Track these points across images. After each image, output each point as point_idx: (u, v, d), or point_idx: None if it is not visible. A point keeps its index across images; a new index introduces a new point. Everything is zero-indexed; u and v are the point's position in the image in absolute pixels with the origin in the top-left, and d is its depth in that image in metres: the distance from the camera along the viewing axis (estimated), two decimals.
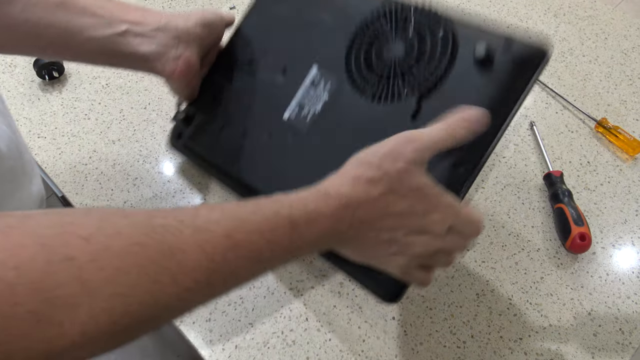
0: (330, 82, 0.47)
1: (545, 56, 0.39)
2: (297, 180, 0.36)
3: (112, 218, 0.27)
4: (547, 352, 0.47)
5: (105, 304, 0.24)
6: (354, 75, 0.46)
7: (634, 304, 0.51)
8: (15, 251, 0.23)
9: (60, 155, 0.62)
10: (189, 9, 0.81)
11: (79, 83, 0.70)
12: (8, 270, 0.22)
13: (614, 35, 0.78)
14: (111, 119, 0.66)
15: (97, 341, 0.25)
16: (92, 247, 0.25)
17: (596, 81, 0.71)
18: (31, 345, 0.23)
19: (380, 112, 0.43)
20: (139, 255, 0.26)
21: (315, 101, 0.47)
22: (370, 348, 0.47)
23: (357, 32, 0.47)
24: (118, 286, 0.25)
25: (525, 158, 0.62)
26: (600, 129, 0.64)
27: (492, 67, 0.40)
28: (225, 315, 0.49)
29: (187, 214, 0.30)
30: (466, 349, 0.47)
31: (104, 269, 0.25)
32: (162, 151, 0.62)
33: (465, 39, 0.42)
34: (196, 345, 0.47)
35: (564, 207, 0.54)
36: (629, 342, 0.48)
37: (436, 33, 0.43)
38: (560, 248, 0.54)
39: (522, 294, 0.51)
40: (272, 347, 0.47)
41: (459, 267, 0.52)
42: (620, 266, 0.53)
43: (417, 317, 0.49)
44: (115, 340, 0.26)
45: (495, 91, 0.40)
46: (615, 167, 0.61)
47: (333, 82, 0.47)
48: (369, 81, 0.45)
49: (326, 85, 0.47)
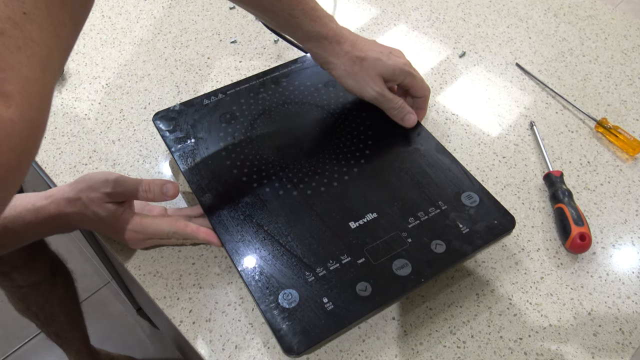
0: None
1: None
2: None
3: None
4: (547, 352, 0.47)
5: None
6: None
7: (634, 304, 0.50)
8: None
9: (60, 155, 0.62)
10: (189, 9, 0.81)
11: (79, 83, 0.70)
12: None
13: (614, 35, 0.78)
14: (111, 119, 0.66)
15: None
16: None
17: (596, 81, 0.71)
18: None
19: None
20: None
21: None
22: (370, 348, 0.47)
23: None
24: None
25: (525, 158, 0.62)
26: (600, 129, 0.64)
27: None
28: (225, 315, 0.49)
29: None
30: (466, 349, 0.47)
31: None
32: (162, 151, 0.62)
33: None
34: (196, 345, 0.47)
35: (564, 207, 0.54)
36: (629, 342, 0.48)
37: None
38: (560, 248, 0.54)
39: (522, 294, 0.51)
40: (272, 347, 0.47)
41: (459, 267, 0.53)
42: (620, 266, 0.53)
43: (417, 317, 0.49)
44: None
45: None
46: (615, 167, 0.61)
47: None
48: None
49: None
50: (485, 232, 0.48)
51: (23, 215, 0.47)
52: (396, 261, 0.46)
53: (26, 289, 0.88)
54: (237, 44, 0.76)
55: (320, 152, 0.55)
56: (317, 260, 0.46)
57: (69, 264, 0.96)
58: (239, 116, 0.58)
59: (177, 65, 0.73)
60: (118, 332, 1.30)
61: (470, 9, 0.82)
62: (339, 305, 0.43)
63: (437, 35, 0.78)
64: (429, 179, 0.52)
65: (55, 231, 0.51)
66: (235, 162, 0.54)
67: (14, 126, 0.25)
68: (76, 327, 1.03)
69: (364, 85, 0.56)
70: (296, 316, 0.43)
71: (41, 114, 0.28)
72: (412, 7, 0.82)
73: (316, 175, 0.53)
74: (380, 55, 0.56)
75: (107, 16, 0.81)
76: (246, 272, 0.46)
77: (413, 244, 0.47)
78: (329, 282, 0.45)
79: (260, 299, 0.44)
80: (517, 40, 0.77)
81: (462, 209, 0.50)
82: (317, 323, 0.42)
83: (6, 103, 0.25)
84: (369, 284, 0.45)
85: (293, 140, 0.56)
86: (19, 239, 0.50)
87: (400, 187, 0.52)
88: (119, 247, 0.54)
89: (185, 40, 0.76)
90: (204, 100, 0.59)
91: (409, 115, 0.57)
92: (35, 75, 0.26)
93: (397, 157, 0.55)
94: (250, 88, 0.61)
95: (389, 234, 0.48)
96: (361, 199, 0.51)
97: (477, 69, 0.73)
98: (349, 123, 0.58)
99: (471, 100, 0.69)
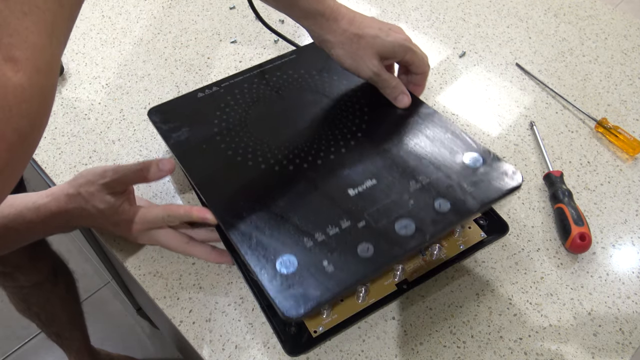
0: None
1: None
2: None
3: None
4: (547, 352, 0.47)
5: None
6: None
7: (634, 304, 0.51)
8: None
9: (60, 155, 0.62)
10: (189, 9, 0.81)
11: (79, 83, 0.70)
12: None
13: (614, 35, 0.78)
14: (111, 119, 0.66)
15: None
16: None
17: (596, 81, 0.71)
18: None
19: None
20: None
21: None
22: (370, 348, 0.47)
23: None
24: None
25: (525, 158, 0.62)
26: (600, 129, 0.64)
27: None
28: (225, 316, 0.49)
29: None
30: (466, 349, 0.47)
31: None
32: (163, 151, 0.62)
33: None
34: (196, 345, 0.47)
35: (564, 207, 0.54)
36: (629, 342, 0.48)
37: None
38: (560, 248, 0.54)
39: (522, 294, 0.51)
40: (272, 347, 0.47)
41: (458, 267, 0.53)
42: (620, 266, 0.53)
43: (417, 317, 0.49)
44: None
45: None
46: (615, 167, 0.61)
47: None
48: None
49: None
50: (491, 189, 0.47)
51: (24, 213, 0.47)
52: (398, 222, 0.45)
53: (28, 289, 0.88)
54: (237, 44, 0.76)
55: (316, 130, 0.54)
56: (315, 227, 0.45)
57: (69, 264, 0.96)
58: (234, 104, 0.58)
59: (177, 65, 0.73)
60: (118, 332, 1.30)
61: (470, 9, 0.82)
62: (339, 267, 0.42)
63: (437, 35, 0.78)
64: (428, 145, 0.51)
65: (57, 230, 0.51)
66: (230, 144, 0.53)
67: (24, 92, 0.25)
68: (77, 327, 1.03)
69: (361, 64, 0.55)
70: (294, 280, 0.41)
71: (50, 81, 0.27)
72: (412, 7, 0.82)
73: (312, 150, 0.52)
74: (379, 32, 0.55)
75: (107, 16, 0.81)
76: (242, 242, 0.44)
77: (415, 205, 0.46)
78: (328, 246, 0.44)
79: (256, 267, 0.42)
80: (517, 40, 0.77)
81: (466, 170, 0.49)
82: (317, 285, 0.41)
83: (15, 68, 0.24)
84: (370, 244, 0.44)
85: (288, 122, 0.56)
86: (20, 238, 0.50)
87: (399, 154, 0.51)
88: (119, 247, 0.54)
89: (185, 40, 0.76)
90: (198, 93, 0.59)
91: (401, 96, 0.56)
92: (42, 42, 0.26)
93: (395, 127, 0.54)
94: (244, 80, 0.61)
95: (389, 198, 0.47)
96: (359, 167, 0.50)
97: (477, 69, 0.73)
98: (344, 102, 0.58)
99: (471, 100, 0.69)
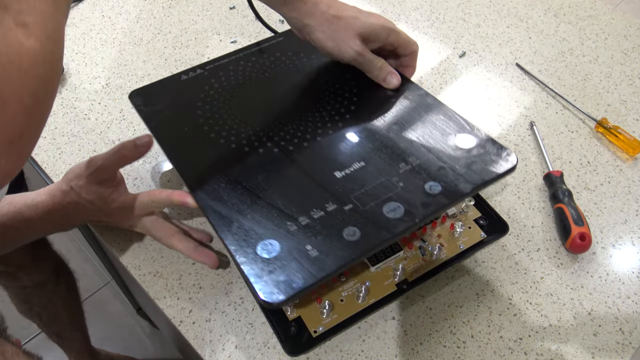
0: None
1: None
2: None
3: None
4: (547, 352, 0.47)
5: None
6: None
7: (634, 304, 0.51)
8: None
9: (60, 155, 0.62)
10: (189, 9, 0.81)
11: (79, 83, 0.70)
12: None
13: (614, 35, 0.78)
14: (111, 119, 0.66)
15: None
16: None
17: (596, 81, 0.71)
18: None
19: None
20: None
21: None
22: (370, 348, 0.47)
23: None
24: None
25: (525, 158, 0.62)
26: (600, 129, 0.64)
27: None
28: (225, 315, 0.49)
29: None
30: (466, 349, 0.47)
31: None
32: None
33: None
34: (196, 345, 0.47)
35: (564, 207, 0.54)
36: (629, 342, 0.48)
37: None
38: (560, 248, 0.54)
39: (522, 294, 0.51)
40: (272, 347, 0.47)
41: (458, 267, 0.53)
42: (620, 266, 0.53)
43: (417, 317, 0.49)
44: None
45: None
46: (615, 167, 0.61)
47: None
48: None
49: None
50: (484, 171, 0.46)
51: (23, 211, 0.47)
52: (387, 205, 0.44)
53: (30, 289, 0.88)
54: (237, 44, 0.76)
55: (302, 112, 0.53)
56: (299, 210, 0.44)
57: (70, 264, 0.96)
58: (218, 87, 0.57)
59: (177, 65, 0.73)
60: (118, 332, 1.30)
61: (470, 9, 0.82)
62: (323, 251, 0.41)
63: (437, 35, 0.78)
64: (419, 126, 0.50)
65: (56, 228, 0.51)
66: (213, 127, 0.52)
67: (37, 56, 0.25)
68: (77, 327, 1.03)
69: (342, 45, 0.54)
70: (276, 265, 0.40)
71: (58, 47, 0.28)
72: (412, 7, 0.82)
73: (298, 132, 0.51)
74: (359, 14, 0.53)
75: (107, 16, 0.81)
76: (221, 226, 0.43)
77: (405, 187, 0.45)
78: (312, 230, 0.42)
79: (236, 251, 0.41)
80: (517, 40, 0.77)
81: (458, 151, 0.48)
82: (300, 270, 0.40)
83: (26, 33, 0.25)
84: (357, 228, 0.42)
85: (274, 104, 0.55)
86: (20, 236, 0.50)
87: (388, 135, 0.50)
88: (119, 247, 0.54)
89: (185, 40, 0.76)
90: (182, 76, 0.59)
91: (390, 76, 0.55)
92: (49, 10, 0.26)
93: (384, 108, 0.53)
94: (230, 62, 0.60)
95: (378, 180, 0.46)
96: (347, 149, 0.49)
97: (477, 69, 0.73)
98: (333, 84, 0.56)
99: (471, 100, 0.69)
